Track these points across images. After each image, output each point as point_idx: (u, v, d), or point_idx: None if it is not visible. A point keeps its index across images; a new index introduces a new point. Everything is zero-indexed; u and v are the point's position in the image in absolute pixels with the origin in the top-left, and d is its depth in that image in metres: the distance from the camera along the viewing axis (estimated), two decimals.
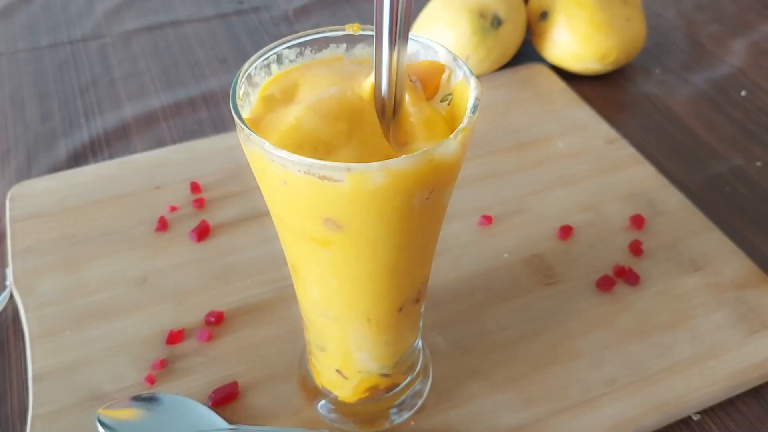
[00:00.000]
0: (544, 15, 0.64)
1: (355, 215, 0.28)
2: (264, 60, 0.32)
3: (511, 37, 0.63)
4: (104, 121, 0.62)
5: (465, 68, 0.30)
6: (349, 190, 0.27)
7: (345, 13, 0.76)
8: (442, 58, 0.31)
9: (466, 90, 0.30)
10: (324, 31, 0.32)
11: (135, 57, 0.69)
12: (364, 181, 0.26)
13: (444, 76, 0.31)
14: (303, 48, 0.33)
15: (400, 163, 0.26)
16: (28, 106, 0.64)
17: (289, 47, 0.32)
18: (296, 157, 0.26)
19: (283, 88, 0.31)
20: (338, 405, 0.40)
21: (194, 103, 0.64)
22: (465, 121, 0.28)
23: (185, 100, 0.64)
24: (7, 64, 0.68)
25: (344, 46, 0.33)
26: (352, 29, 0.32)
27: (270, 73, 0.32)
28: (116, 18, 0.75)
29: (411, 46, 0.32)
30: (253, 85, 0.32)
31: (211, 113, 0.63)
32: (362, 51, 0.33)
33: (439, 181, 0.28)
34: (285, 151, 0.27)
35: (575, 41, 0.63)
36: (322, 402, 0.40)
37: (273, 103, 0.31)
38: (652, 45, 0.70)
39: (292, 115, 0.29)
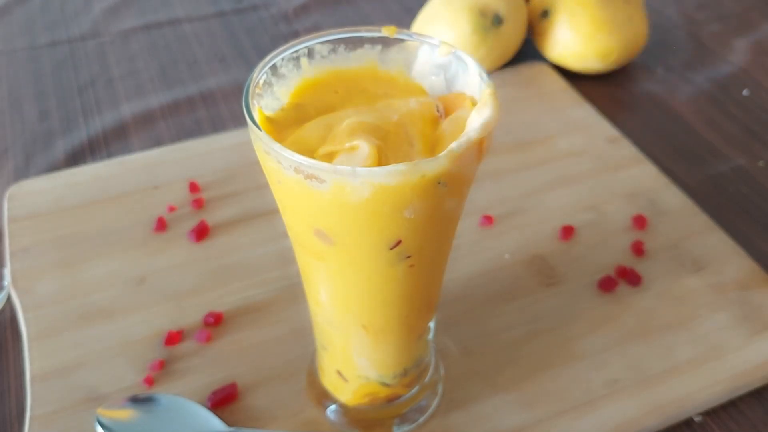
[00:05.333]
0: (545, 13, 0.64)
1: (341, 224, 0.28)
2: (293, 52, 0.31)
3: (511, 36, 0.63)
4: (102, 121, 0.61)
5: (490, 88, 0.29)
6: (331, 197, 0.26)
7: (345, 12, 0.75)
8: (471, 71, 0.31)
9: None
10: (360, 31, 0.32)
11: (133, 56, 0.69)
12: (345, 183, 0.26)
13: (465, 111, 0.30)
14: (337, 45, 0.32)
15: (384, 172, 0.26)
16: (26, 105, 0.63)
17: (321, 42, 0.32)
18: (287, 152, 0.26)
19: (317, 106, 0.31)
20: (344, 409, 0.39)
21: (193, 102, 0.64)
22: (462, 140, 0.27)
23: (184, 99, 0.64)
24: (5, 62, 0.68)
25: (379, 47, 0.32)
26: (388, 32, 0.32)
27: (299, 67, 0.32)
28: (114, 17, 0.74)
29: (444, 59, 0.31)
30: (279, 76, 0.31)
31: (210, 112, 0.62)
32: (397, 56, 0.32)
33: (432, 197, 0.28)
34: (277, 144, 0.26)
35: (576, 40, 0.62)
36: (333, 407, 0.40)
37: (303, 114, 0.31)
38: (654, 44, 0.70)
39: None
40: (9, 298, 0.46)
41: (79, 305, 0.45)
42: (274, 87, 0.31)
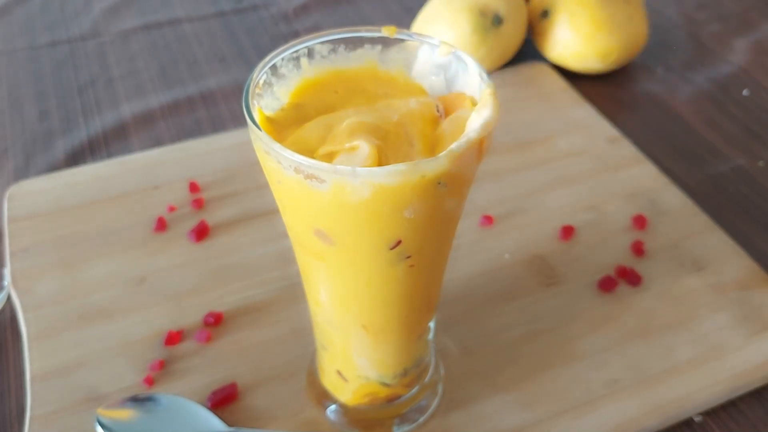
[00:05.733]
0: (545, 13, 0.64)
1: (341, 224, 0.28)
2: (293, 52, 0.31)
3: (511, 36, 0.63)
4: (102, 121, 0.61)
5: (490, 88, 0.29)
6: (331, 197, 0.26)
7: (345, 12, 0.75)
8: (471, 71, 0.31)
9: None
10: (360, 31, 0.32)
11: (133, 56, 0.69)
12: (345, 183, 0.26)
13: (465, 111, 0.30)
14: (337, 45, 0.32)
15: (384, 172, 0.26)
16: (26, 105, 0.63)
17: (321, 42, 0.32)
18: (287, 152, 0.26)
19: (317, 106, 0.31)
20: (344, 409, 0.39)
21: (193, 102, 0.64)
22: (462, 141, 0.27)
23: (184, 99, 0.64)
24: (5, 62, 0.68)
25: (379, 47, 0.32)
26: (388, 32, 0.32)
27: (299, 67, 0.32)
28: (114, 16, 0.74)
29: (444, 59, 0.31)
30: (279, 76, 0.31)
31: (210, 112, 0.62)
32: (397, 56, 0.32)
33: (432, 197, 0.28)
34: (277, 144, 0.26)
35: (577, 40, 0.62)
36: (333, 407, 0.40)
37: (303, 114, 0.31)
38: (654, 44, 0.70)
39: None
40: (9, 298, 0.46)
41: (79, 305, 0.45)
42: (274, 87, 0.31)
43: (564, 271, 0.48)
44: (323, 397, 0.40)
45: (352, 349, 0.36)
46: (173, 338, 0.43)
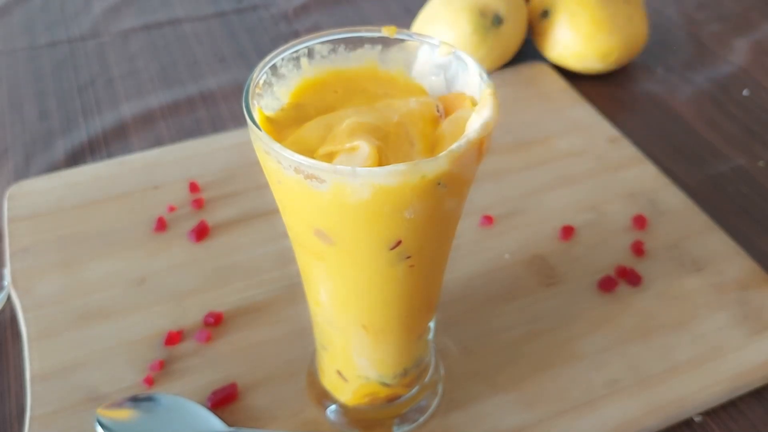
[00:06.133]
0: (545, 13, 0.64)
1: (341, 225, 0.28)
2: (293, 52, 0.31)
3: (511, 36, 0.63)
4: (102, 121, 0.61)
5: (490, 88, 0.29)
6: (331, 197, 0.26)
7: (345, 12, 0.75)
8: (471, 71, 0.31)
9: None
10: (360, 31, 0.32)
11: (133, 56, 0.69)
12: (345, 184, 0.26)
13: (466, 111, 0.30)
14: (336, 45, 0.32)
15: (384, 172, 0.26)
16: (26, 105, 0.63)
17: (321, 42, 0.32)
18: (287, 152, 0.26)
19: (317, 106, 0.31)
20: (344, 409, 0.39)
21: (193, 102, 0.64)
22: (462, 141, 0.27)
23: (184, 99, 0.64)
24: (5, 62, 0.68)
25: (379, 47, 0.32)
26: (388, 32, 0.32)
27: (299, 67, 0.32)
28: (114, 16, 0.74)
29: (444, 59, 0.31)
30: (279, 76, 0.31)
31: (210, 112, 0.62)
32: (397, 56, 0.32)
33: (432, 197, 0.28)
34: (277, 144, 0.27)
35: (577, 40, 0.62)
36: (333, 407, 0.40)
37: (303, 114, 0.31)
38: (654, 44, 0.70)
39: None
40: (9, 298, 0.46)
41: (79, 305, 0.45)
42: (274, 87, 0.31)
43: (564, 271, 0.48)
44: (323, 397, 0.40)
45: (352, 349, 0.36)
46: (173, 338, 0.43)
